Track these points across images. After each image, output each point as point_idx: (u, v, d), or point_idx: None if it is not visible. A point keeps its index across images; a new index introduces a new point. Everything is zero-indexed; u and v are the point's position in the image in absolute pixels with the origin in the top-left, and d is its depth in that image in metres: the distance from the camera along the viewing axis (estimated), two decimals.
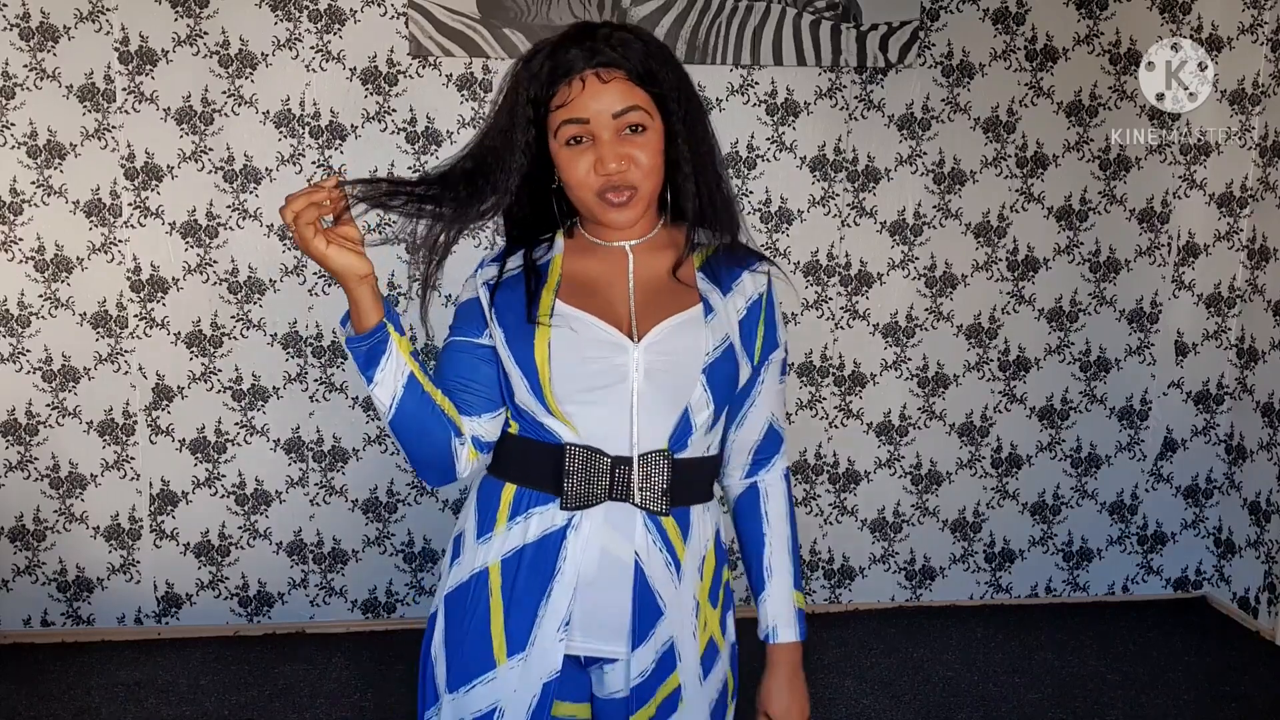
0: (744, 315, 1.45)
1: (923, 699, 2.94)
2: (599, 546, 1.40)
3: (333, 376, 3.23)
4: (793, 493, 1.52)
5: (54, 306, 3.12)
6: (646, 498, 1.40)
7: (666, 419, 1.40)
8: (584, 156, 1.34)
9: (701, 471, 1.46)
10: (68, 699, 2.92)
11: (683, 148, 1.38)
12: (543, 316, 1.38)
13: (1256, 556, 3.40)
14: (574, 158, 1.35)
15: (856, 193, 3.29)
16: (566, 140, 1.35)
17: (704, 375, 1.39)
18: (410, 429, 1.42)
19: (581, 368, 1.37)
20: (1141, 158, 3.37)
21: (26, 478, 3.19)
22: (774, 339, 1.49)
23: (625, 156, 1.33)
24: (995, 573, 3.54)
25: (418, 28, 3.06)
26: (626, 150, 1.34)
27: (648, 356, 1.37)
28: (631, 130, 1.34)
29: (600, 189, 1.34)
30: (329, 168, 3.12)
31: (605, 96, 1.32)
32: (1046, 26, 3.27)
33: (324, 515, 3.29)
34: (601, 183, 1.34)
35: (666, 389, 1.39)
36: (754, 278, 1.47)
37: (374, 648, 3.23)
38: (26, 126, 3.03)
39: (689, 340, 1.39)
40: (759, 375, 1.48)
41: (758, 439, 1.51)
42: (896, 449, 3.44)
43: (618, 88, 1.33)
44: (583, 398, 1.38)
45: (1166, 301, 3.46)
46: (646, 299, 1.42)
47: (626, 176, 1.34)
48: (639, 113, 1.34)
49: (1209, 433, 3.55)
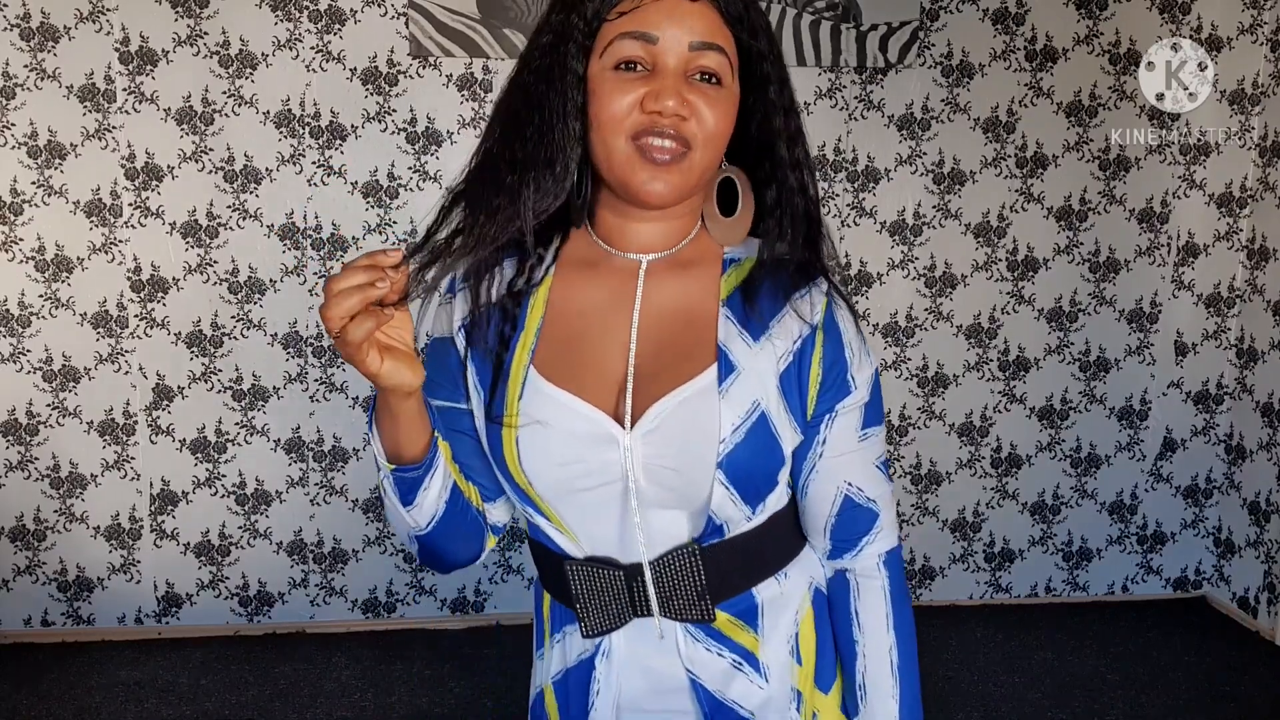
0: (788, 363, 1.05)
1: (923, 698, 2.94)
2: (640, 669, 1.10)
3: (333, 376, 3.23)
4: (905, 584, 1.15)
5: (54, 306, 3.12)
6: (676, 609, 1.07)
7: (684, 518, 1.06)
8: (634, 86, 0.97)
9: (759, 543, 1.09)
10: (68, 699, 2.92)
11: (776, 121, 1.03)
12: (507, 414, 1.04)
13: (1256, 556, 3.41)
14: (620, 84, 0.97)
15: (856, 193, 3.29)
16: (618, 64, 0.97)
17: (721, 471, 1.01)
18: (446, 541, 1.11)
19: (560, 470, 1.04)
20: (1141, 158, 3.37)
21: (27, 478, 3.19)
22: (842, 381, 1.07)
23: (690, 103, 0.97)
24: (995, 572, 3.54)
25: (418, 28, 3.06)
26: (694, 96, 0.97)
27: (645, 449, 1.02)
28: (704, 79, 0.99)
29: (641, 130, 0.97)
30: (329, 168, 3.12)
31: (687, 19, 0.97)
32: (1046, 27, 3.27)
33: (324, 515, 3.29)
34: (647, 122, 0.97)
35: (675, 491, 1.04)
36: (806, 304, 1.06)
37: (374, 647, 3.23)
38: (27, 127, 3.04)
39: (699, 421, 1.02)
40: (817, 433, 1.08)
41: (830, 515, 1.10)
42: (896, 449, 3.44)
43: (704, 13, 0.98)
44: (574, 500, 1.05)
45: (1166, 301, 3.46)
46: (653, 350, 1.04)
47: (684, 126, 0.97)
48: (720, 56, 0.98)
49: (1209, 433, 3.55)
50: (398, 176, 3.15)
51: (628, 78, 0.97)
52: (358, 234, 3.16)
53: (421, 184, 3.16)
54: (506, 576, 3.36)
